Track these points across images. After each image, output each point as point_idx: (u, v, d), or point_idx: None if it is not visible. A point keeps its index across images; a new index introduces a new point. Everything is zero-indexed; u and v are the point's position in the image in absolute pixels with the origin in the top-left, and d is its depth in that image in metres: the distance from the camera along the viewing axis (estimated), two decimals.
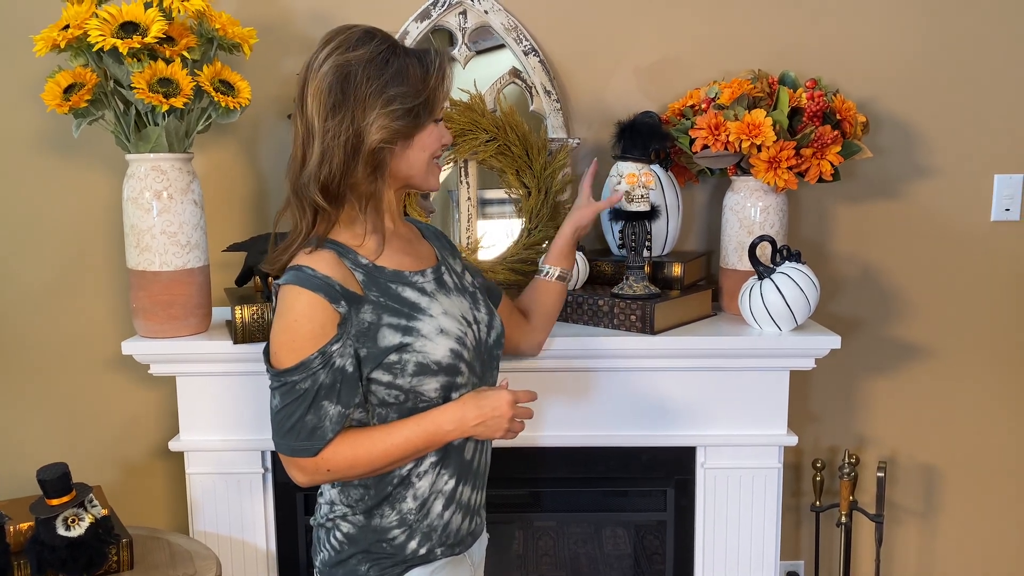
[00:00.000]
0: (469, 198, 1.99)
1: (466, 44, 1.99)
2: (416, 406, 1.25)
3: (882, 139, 2.02)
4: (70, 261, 2.03)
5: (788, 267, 1.70)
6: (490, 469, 1.39)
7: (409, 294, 1.27)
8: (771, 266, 1.72)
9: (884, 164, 2.03)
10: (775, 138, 1.70)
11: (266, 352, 1.24)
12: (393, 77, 1.22)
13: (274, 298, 1.25)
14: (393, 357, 1.22)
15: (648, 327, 1.69)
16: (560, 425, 1.75)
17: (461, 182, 1.99)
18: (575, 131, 2.01)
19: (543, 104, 1.99)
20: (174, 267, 1.67)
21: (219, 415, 1.74)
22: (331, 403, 1.20)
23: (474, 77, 1.99)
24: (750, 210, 1.83)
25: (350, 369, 1.21)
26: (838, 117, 1.76)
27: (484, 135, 1.94)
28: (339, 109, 1.21)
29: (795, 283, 1.67)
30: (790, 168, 1.73)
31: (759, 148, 1.72)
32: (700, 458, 1.79)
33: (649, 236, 1.74)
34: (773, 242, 1.72)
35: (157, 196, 1.66)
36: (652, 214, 1.72)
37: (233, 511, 1.78)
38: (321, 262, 1.22)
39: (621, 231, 1.74)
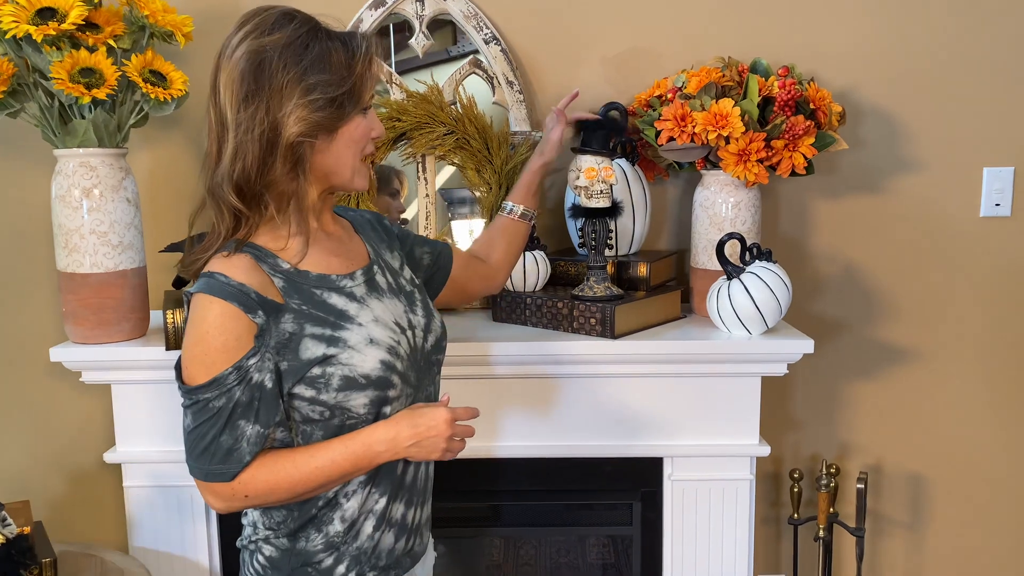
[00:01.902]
0: (427, 195, 1.89)
1: (423, 33, 1.89)
2: (344, 423, 1.16)
3: (864, 130, 1.92)
4: (2, 263, 1.94)
5: (758, 267, 1.59)
6: (444, 482, 1.29)
7: (336, 300, 1.17)
8: (740, 265, 1.61)
9: (866, 157, 1.93)
10: (744, 129, 1.59)
11: (177, 367, 1.14)
12: (313, 63, 1.12)
13: (186, 307, 1.15)
14: (316, 370, 1.12)
15: (608, 331, 1.59)
16: (518, 435, 1.65)
17: (419, 178, 1.89)
18: (540, 124, 1.91)
19: (505, 95, 1.89)
20: (105, 269, 1.58)
21: (156, 425, 1.65)
22: (248, 422, 1.10)
23: (432, 68, 1.90)
24: (720, 206, 1.73)
25: (269, 385, 1.11)
26: (812, 107, 1.66)
27: (442, 128, 1.84)
28: (253, 99, 1.11)
29: (765, 283, 1.57)
30: (760, 161, 1.62)
31: (727, 140, 1.62)
32: (667, 469, 1.68)
33: (611, 234, 1.64)
34: (742, 240, 1.61)
35: (87, 194, 1.56)
36: (614, 210, 1.62)
37: (173, 526, 1.68)
38: (236, 268, 1.12)
39: (581, 228, 1.64)
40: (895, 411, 2.01)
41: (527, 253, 1.74)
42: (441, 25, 1.94)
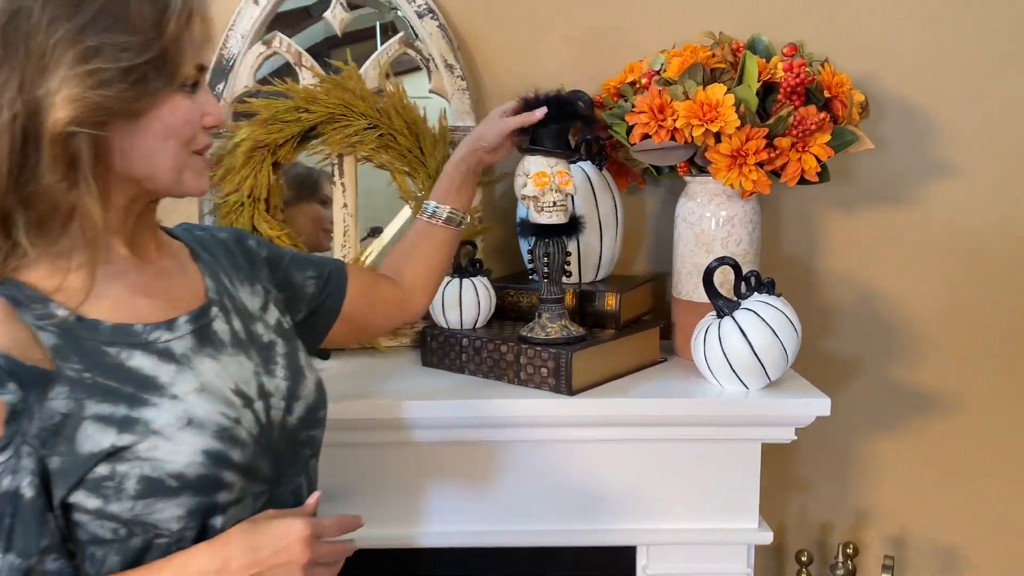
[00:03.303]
0: (345, 205, 1.52)
1: (341, 4, 1.52)
2: (150, 544, 0.79)
3: (886, 128, 1.55)
4: None
5: (756, 301, 1.23)
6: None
7: (139, 362, 0.80)
8: (734, 299, 1.25)
9: (888, 160, 1.56)
10: (739, 123, 1.23)
11: None
12: (97, 18, 0.76)
13: None
14: (103, 469, 0.76)
15: (564, 384, 1.22)
16: (448, 519, 1.28)
17: (334, 184, 1.51)
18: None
19: (444, 82, 1.52)
20: None
21: None
22: None
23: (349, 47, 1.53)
24: (709, 221, 1.36)
25: (29, 493, 0.74)
26: (826, 94, 1.29)
27: (362, 121, 1.47)
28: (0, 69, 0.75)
29: (766, 324, 1.20)
30: (761, 164, 1.26)
31: (718, 137, 1.25)
32: (641, 561, 1.31)
33: (570, 257, 1.27)
34: (736, 266, 1.25)
35: None
36: (572, 228, 1.25)
37: None
38: None
39: (530, 251, 1.27)
40: (923, 470, 1.64)
41: (465, 280, 1.37)
42: None
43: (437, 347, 1.37)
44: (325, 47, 1.61)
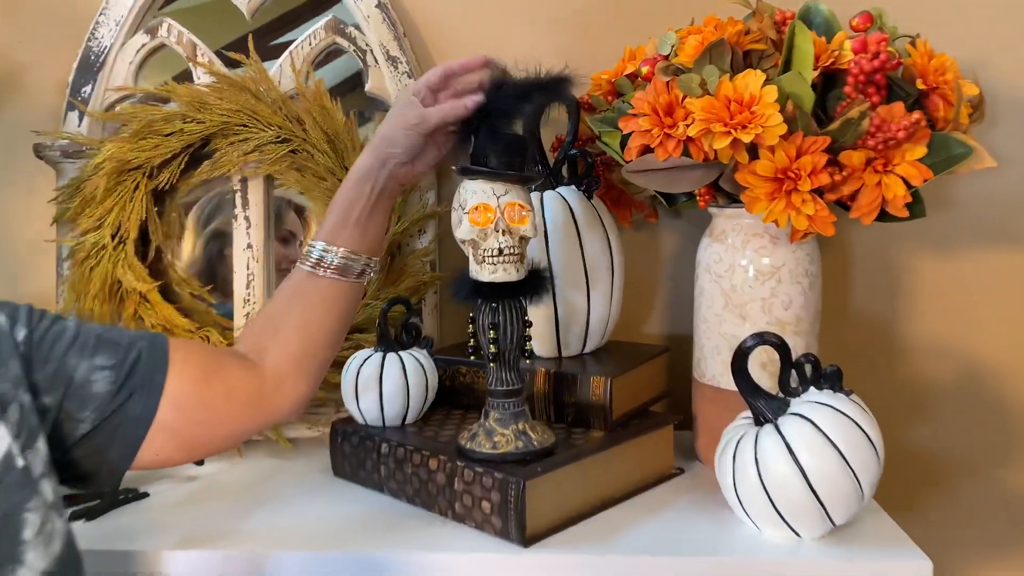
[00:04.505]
0: (250, 245, 1.12)
1: None
2: None
3: (998, 137, 1.11)
4: None
5: (814, 403, 0.79)
6: None
7: None
8: (779, 397, 0.82)
9: (1004, 182, 1.11)
10: (786, 129, 0.80)
11: None
12: None
13: None
14: None
15: (512, 528, 0.80)
16: None
17: (235, 217, 1.13)
18: None
19: (384, 80, 1.13)
20: None
21: None
22: None
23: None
24: (743, 274, 0.93)
25: None
26: (920, 86, 0.86)
27: (267, 133, 1.08)
28: None
29: (827, 439, 0.77)
30: (820, 192, 0.83)
31: (753, 151, 0.83)
32: None
33: (529, 329, 0.86)
34: (782, 347, 0.81)
35: None
36: (529, 288, 0.84)
37: None
38: None
39: (471, 320, 0.86)
40: None
41: (390, 356, 0.96)
42: None
43: (350, 451, 0.96)
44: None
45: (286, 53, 1.13)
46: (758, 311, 0.93)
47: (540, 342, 1.00)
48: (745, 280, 0.93)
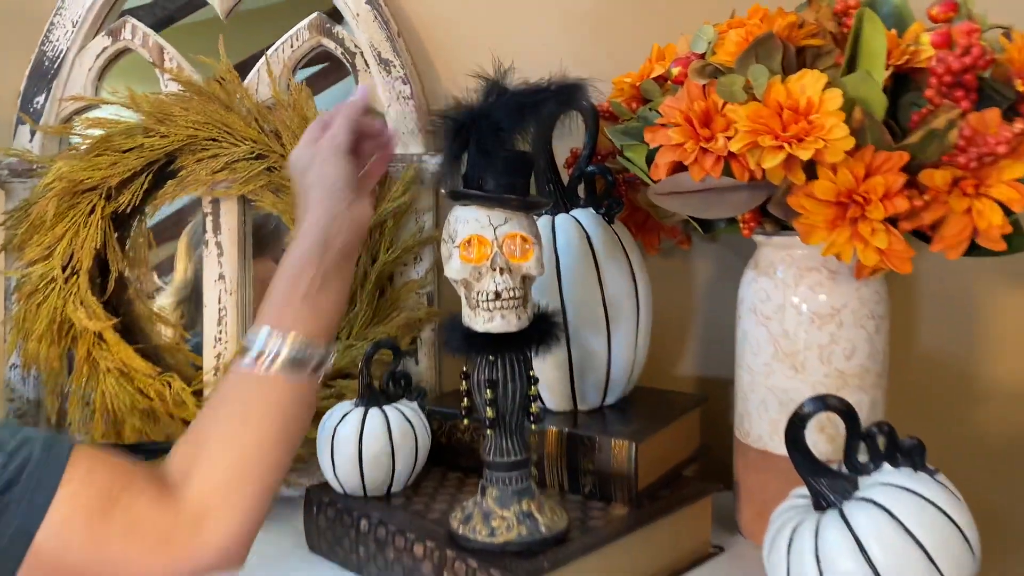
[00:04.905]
0: (222, 275, 0.98)
1: None
2: None
3: None
4: None
5: (888, 485, 0.63)
6: None
7: None
8: (845, 475, 0.66)
9: None
10: (853, 143, 0.65)
11: None
12: None
13: None
14: None
15: None
16: None
17: (206, 243, 0.99)
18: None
19: (377, 87, 0.99)
20: None
21: None
22: None
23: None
24: (796, 315, 0.77)
25: None
26: (1021, 88, 0.69)
27: (240, 148, 0.94)
28: None
29: (907, 533, 0.61)
30: (892, 221, 0.67)
31: (811, 169, 0.67)
32: None
33: (535, 384, 0.70)
34: (849, 414, 0.65)
35: None
36: (534, 337, 0.69)
37: None
38: None
39: (465, 375, 0.71)
40: None
41: (372, 410, 0.81)
42: None
43: (326, 525, 0.81)
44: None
45: (266, 56, 0.99)
46: (815, 361, 0.77)
47: (551, 394, 0.85)
48: (798, 323, 0.77)
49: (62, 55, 0.99)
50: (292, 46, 0.99)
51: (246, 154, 0.94)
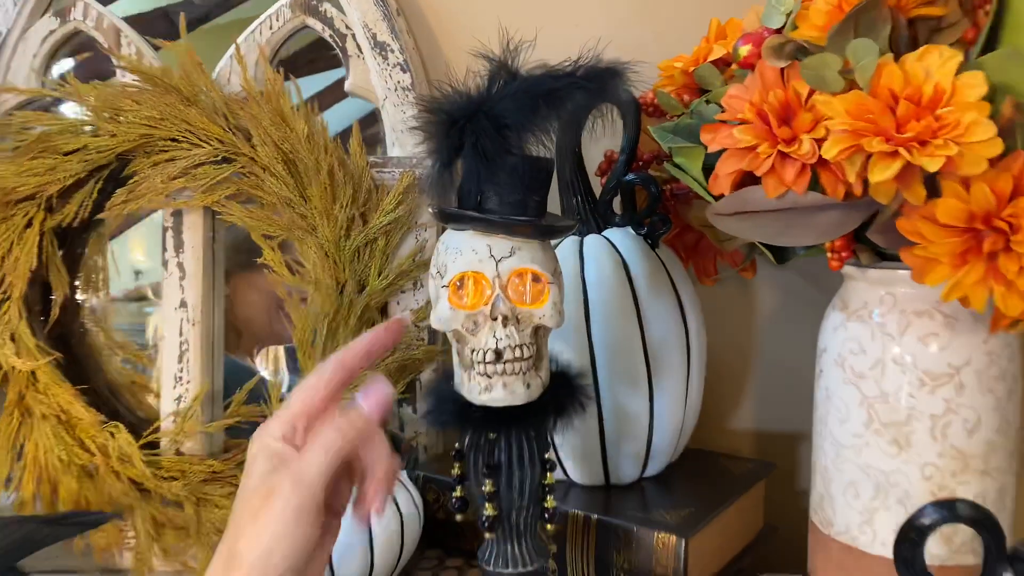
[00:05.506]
0: (184, 303, 0.82)
1: None
2: None
3: None
4: None
5: None
6: None
7: None
8: None
9: None
10: (1001, 147, 0.46)
11: None
12: None
13: None
14: None
15: None
16: None
17: (164, 264, 0.82)
18: None
19: (371, 75, 0.82)
20: None
21: None
22: None
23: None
24: (895, 373, 0.58)
25: None
26: None
27: (201, 150, 0.78)
28: None
29: None
30: None
31: (932, 185, 0.48)
32: None
33: (549, 472, 0.52)
34: (990, 528, 0.46)
35: None
36: (550, 408, 0.51)
37: None
38: None
39: (456, 454, 0.53)
40: None
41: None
42: None
43: None
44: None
45: (243, 37, 0.82)
46: (924, 435, 0.58)
47: (576, 464, 0.67)
48: (903, 384, 0.58)
49: (2, 39, 0.84)
50: (271, 27, 0.83)
51: (209, 157, 0.77)
